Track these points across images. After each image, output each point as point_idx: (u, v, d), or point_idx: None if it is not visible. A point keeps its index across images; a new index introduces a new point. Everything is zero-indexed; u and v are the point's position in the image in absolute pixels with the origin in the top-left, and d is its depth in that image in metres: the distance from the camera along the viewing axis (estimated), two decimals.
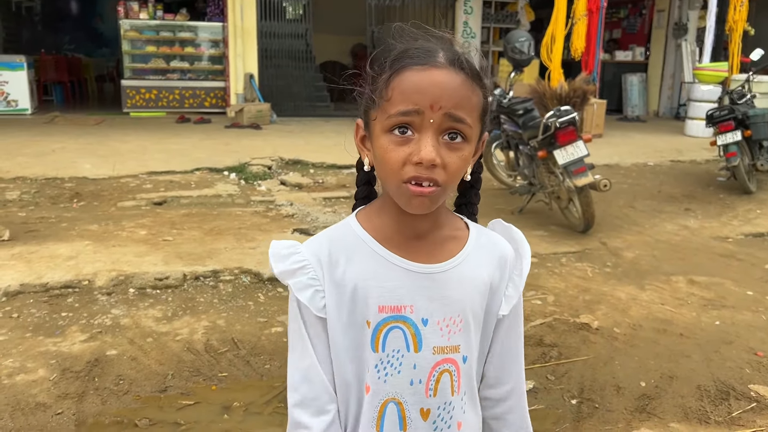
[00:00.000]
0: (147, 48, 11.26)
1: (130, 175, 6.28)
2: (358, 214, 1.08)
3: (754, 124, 6.50)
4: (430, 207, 0.96)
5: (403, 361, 1.02)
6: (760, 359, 3.17)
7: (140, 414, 2.63)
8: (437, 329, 1.02)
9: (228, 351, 3.14)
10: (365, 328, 1.02)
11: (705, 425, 2.64)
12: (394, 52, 0.97)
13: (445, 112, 0.91)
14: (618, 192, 6.34)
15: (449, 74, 0.93)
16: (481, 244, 1.08)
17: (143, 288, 3.76)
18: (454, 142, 0.94)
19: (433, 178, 0.92)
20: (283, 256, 1.04)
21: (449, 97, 0.92)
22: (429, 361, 1.02)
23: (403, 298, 1.01)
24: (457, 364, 1.04)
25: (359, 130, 1.05)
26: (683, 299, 3.91)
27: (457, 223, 1.09)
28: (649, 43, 13.47)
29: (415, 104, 0.91)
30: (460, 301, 1.03)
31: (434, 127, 0.92)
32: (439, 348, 1.02)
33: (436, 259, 1.03)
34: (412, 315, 1.01)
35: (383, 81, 0.95)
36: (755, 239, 5.26)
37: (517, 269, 1.10)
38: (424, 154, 0.91)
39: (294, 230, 4.87)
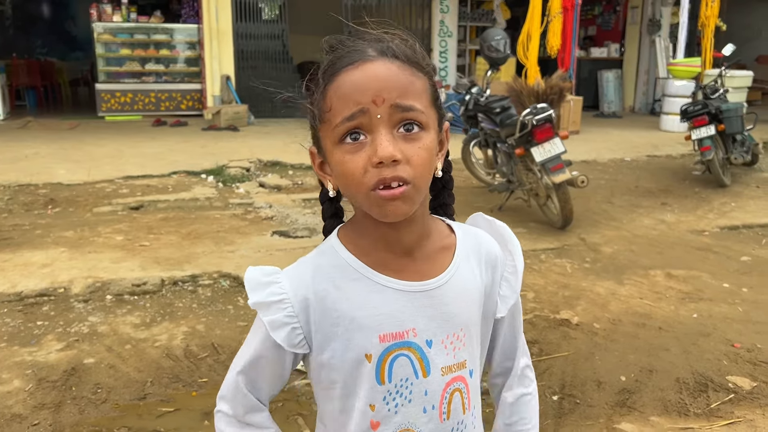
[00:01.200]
0: (121, 51, 11.12)
1: (105, 180, 6.20)
2: (340, 234, 1.00)
3: (727, 119, 6.59)
4: (408, 210, 0.89)
5: (413, 389, 0.96)
6: (737, 351, 3.21)
7: (119, 423, 2.60)
8: (442, 348, 0.97)
9: (208, 356, 3.11)
10: (364, 363, 0.94)
11: (684, 418, 2.66)
12: (321, 66, 0.92)
13: (390, 103, 0.85)
14: (596, 188, 6.40)
15: (384, 64, 0.87)
16: (468, 246, 1.02)
17: (120, 294, 3.72)
18: (411, 133, 0.87)
19: (399, 176, 0.85)
20: (261, 284, 0.96)
21: (391, 87, 0.86)
22: (439, 384, 0.97)
23: (405, 322, 0.94)
24: (466, 381, 1.00)
25: (314, 157, 0.97)
26: (661, 293, 3.95)
27: (442, 227, 1.03)
28: (623, 40, 13.60)
29: (357, 104, 0.85)
30: (460, 314, 0.98)
31: (384, 122, 0.85)
32: (447, 368, 0.97)
33: (430, 274, 0.97)
34: (416, 338, 0.95)
35: (319, 94, 0.90)
36: (731, 232, 5.33)
37: (509, 267, 1.05)
38: (381, 152, 0.84)
39: (273, 232, 4.84)
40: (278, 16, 11.79)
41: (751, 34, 14.49)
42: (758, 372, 3.01)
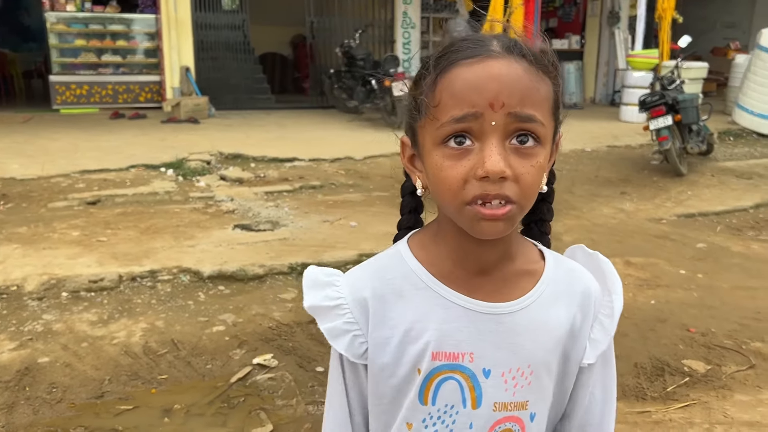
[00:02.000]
0: (76, 42, 10.81)
1: (60, 175, 6.03)
2: (411, 240, 0.90)
3: (683, 109, 6.73)
4: (504, 231, 0.78)
5: (458, 418, 0.86)
6: (692, 335, 3.29)
7: (75, 422, 2.53)
8: (501, 382, 0.85)
9: (168, 352, 3.06)
10: (415, 377, 0.86)
11: (642, 402, 2.72)
12: (436, 51, 0.81)
13: (509, 110, 0.74)
14: (557, 178, 6.44)
15: (508, 63, 0.76)
16: (559, 277, 0.90)
17: (77, 291, 3.62)
18: (525, 147, 0.76)
19: (503, 195, 0.75)
20: (319, 284, 0.89)
21: (512, 92, 0.75)
22: (488, 419, 0.86)
23: (462, 344, 0.84)
24: (523, 424, 0.87)
25: (405, 148, 0.87)
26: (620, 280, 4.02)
27: (531, 252, 0.91)
28: (584, 32, 13.77)
29: (471, 106, 0.75)
30: (532, 348, 0.86)
31: (498, 131, 0.75)
32: (501, 404, 0.86)
33: (505, 297, 0.86)
34: (472, 364, 0.85)
35: (428, 84, 0.79)
36: (687, 220, 5.45)
37: (606, 308, 0.91)
38: (489, 166, 0.74)
39: (235, 226, 4.77)
40: (239, 6, 11.63)
41: (707, 26, 14.82)
42: (712, 355, 3.09)
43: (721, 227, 5.25)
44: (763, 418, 2.59)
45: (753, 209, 5.77)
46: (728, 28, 15.11)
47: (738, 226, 5.30)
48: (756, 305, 3.69)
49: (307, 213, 5.21)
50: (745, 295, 3.83)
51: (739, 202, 5.93)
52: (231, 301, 3.61)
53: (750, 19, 14.46)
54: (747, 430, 2.51)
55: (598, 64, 13.38)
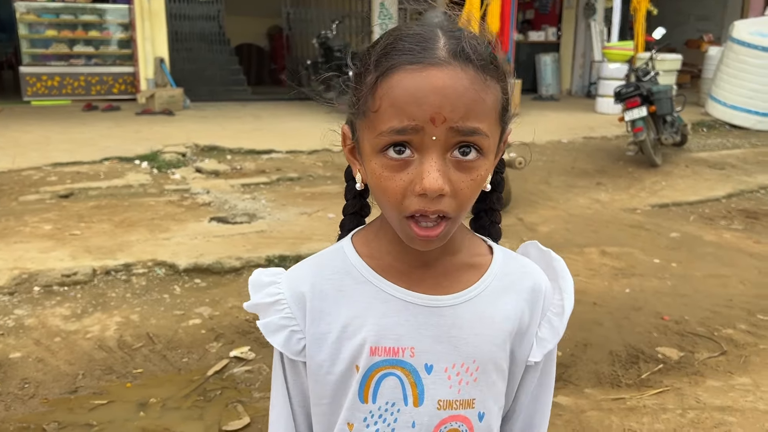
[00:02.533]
0: (47, 32, 10.59)
1: (32, 168, 5.92)
2: (355, 237, 0.88)
3: (658, 100, 6.81)
4: (439, 244, 0.78)
5: (399, 417, 0.83)
6: (666, 323, 3.34)
7: (48, 418, 2.50)
8: (444, 378, 0.82)
9: (143, 346, 3.02)
10: (353, 375, 0.83)
11: (617, 388, 2.75)
12: (380, 44, 0.76)
13: (451, 125, 0.71)
14: (534, 169, 6.52)
15: (453, 73, 0.71)
16: (508, 271, 0.87)
17: (49, 285, 3.57)
18: (467, 160, 0.73)
19: (441, 210, 0.73)
20: (262, 284, 0.87)
21: (455, 106, 0.70)
22: (432, 418, 0.82)
23: (402, 338, 0.81)
24: (471, 424, 0.84)
25: (346, 138, 0.83)
26: (596, 269, 4.07)
27: (477, 246, 0.89)
28: (560, 23, 13.85)
29: (412, 119, 0.71)
30: (477, 344, 0.83)
31: (439, 145, 0.72)
32: (446, 402, 0.83)
33: (447, 290, 0.83)
34: (413, 359, 0.82)
35: (368, 86, 0.75)
36: (661, 210, 5.53)
37: (555, 307, 0.89)
38: (427, 183, 0.71)
39: (211, 219, 4.73)
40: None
41: (681, 18, 14.99)
42: (685, 342, 3.14)
43: (695, 217, 5.33)
44: (734, 403, 2.64)
45: (725, 199, 5.86)
46: (701, 20, 15.30)
47: (710, 215, 5.38)
48: (728, 293, 3.75)
49: (284, 205, 5.18)
50: (717, 283, 3.89)
51: (712, 192, 6.03)
52: (207, 294, 3.58)
53: (723, 12, 14.66)
54: (718, 414, 2.56)
55: (575, 55, 13.47)
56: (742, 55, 9.55)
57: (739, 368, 2.92)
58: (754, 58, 9.42)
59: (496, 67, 0.76)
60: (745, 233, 4.92)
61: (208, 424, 2.48)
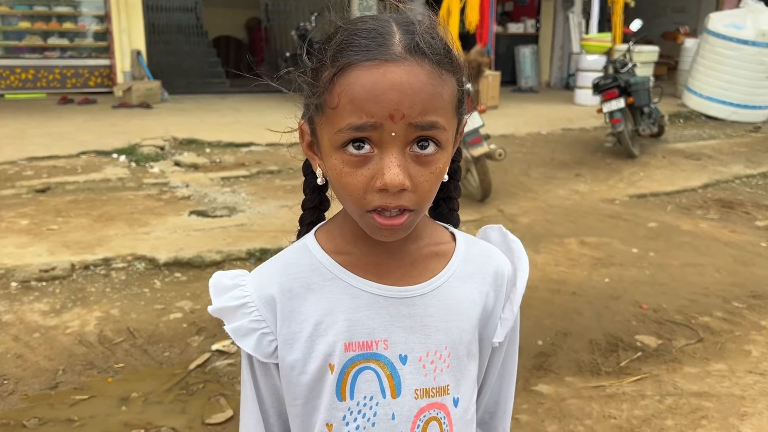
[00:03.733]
0: (20, 24, 10.40)
1: (7, 162, 5.83)
2: (318, 233, 0.88)
3: (635, 92, 6.88)
4: (403, 235, 0.78)
5: (378, 410, 0.83)
6: (644, 311, 3.39)
7: (28, 414, 2.47)
8: (419, 367, 0.83)
9: (124, 341, 3.00)
10: (327, 374, 0.82)
11: (597, 376, 2.79)
12: (336, 39, 0.75)
13: (409, 121, 0.71)
14: (513, 161, 6.55)
15: (410, 69, 0.71)
16: (471, 257, 0.88)
17: (27, 281, 3.52)
18: (426, 154, 0.74)
19: (402, 205, 0.74)
20: (225, 287, 0.85)
21: (413, 102, 0.71)
22: (411, 408, 0.83)
23: (375, 332, 0.82)
24: (447, 409, 0.85)
25: (304, 134, 0.83)
26: (575, 260, 4.11)
27: (440, 233, 0.89)
28: (539, 15, 13.91)
29: (370, 116, 0.71)
30: (447, 330, 0.84)
31: (398, 141, 0.72)
32: (423, 391, 0.83)
33: (415, 280, 0.84)
34: (387, 351, 0.82)
35: (325, 81, 0.74)
36: (639, 200, 5.59)
37: (515, 287, 0.91)
38: (388, 179, 0.71)
39: (191, 212, 4.70)
40: None
41: (658, 11, 15.14)
42: (663, 330, 3.19)
43: (672, 207, 5.40)
44: (710, 389, 2.69)
45: (701, 189, 5.95)
46: (678, 12, 15.47)
47: (687, 205, 5.46)
48: (704, 281, 3.82)
49: (264, 198, 5.16)
50: (694, 272, 3.96)
51: (689, 183, 6.11)
52: (188, 288, 3.56)
53: (699, 4, 14.83)
54: (695, 400, 2.61)
55: (553, 47, 13.54)
56: (717, 47, 9.68)
57: (715, 355, 2.98)
58: (729, 50, 9.55)
59: (451, 61, 0.76)
60: (721, 222, 5.00)
61: (190, 417, 2.47)
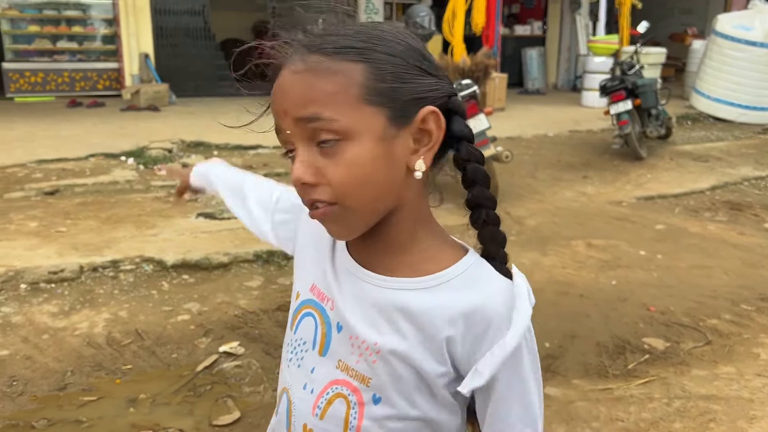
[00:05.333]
0: (30, 28, 10.47)
1: (16, 165, 5.87)
2: None
3: (643, 94, 6.86)
4: (343, 232, 0.79)
5: (306, 356, 0.86)
6: (652, 314, 3.38)
7: (38, 415, 2.49)
8: (348, 344, 0.82)
9: (132, 342, 3.02)
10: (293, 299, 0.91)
11: (604, 379, 2.78)
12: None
13: (293, 116, 0.73)
14: (520, 163, 6.54)
15: (293, 67, 0.74)
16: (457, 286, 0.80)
17: (36, 283, 3.54)
18: (327, 148, 0.73)
19: (315, 199, 0.75)
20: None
21: (292, 96, 0.73)
22: (329, 372, 0.83)
23: (330, 289, 0.85)
24: (362, 398, 0.81)
25: None
26: (582, 262, 4.10)
27: (440, 252, 0.83)
28: (546, 17, 13.89)
29: (276, 120, 0.77)
30: (387, 332, 0.80)
31: (299, 138, 0.74)
32: (345, 365, 0.82)
33: (384, 270, 0.82)
34: (332, 313, 0.84)
35: None
36: (646, 202, 5.57)
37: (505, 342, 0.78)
38: (292, 176, 0.75)
39: (198, 214, 4.72)
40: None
41: (665, 12, 15.09)
42: (671, 333, 3.18)
43: (679, 209, 5.38)
44: (718, 392, 2.68)
45: (709, 191, 5.92)
46: (685, 14, 15.41)
47: (695, 207, 5.44)
48: (712, 284, 3.80)
49: None
50: (701, 274, 3.94)
51: (696, 185, 6.08)
52: (195, 289, 3.57)
53: (706, 6, 14.77)
54: (704, 403, 2.60)
55: (560, 49, 13.51)
56: (725, 49, 9.63)
57: (723, 357, 2.97)
58: (738, 51, 9.51)
59: (350, 49, 0.73)
60: (729, 225, 4.98)
61: (198, 419, 2.48)
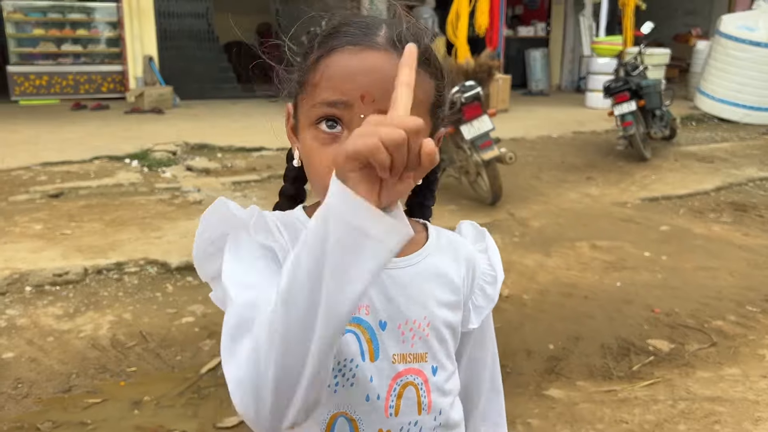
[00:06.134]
0: (34, 31, 10.52)
1: (21, 167, 5.88)
2: (308, 209, 0.91)
3: (647, 94, 6.85)
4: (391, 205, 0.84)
5: (357, 372, 0.85)
6: (656, 315, 3.37)
7: (42, 417, 2.49)
8: (398, 334, 0.86)
9: (136, 345, 3.02)
10: None
11: (608, 381, 2.78)
12: (327, 26, 0.82)
13: (379, 107, 0.73)
14: (524, 164, 6.54)
15: (389, 58, 0.76)
16: (442, 245, 0.92)
17: (41, 285, 3.55)
18: None
19: None
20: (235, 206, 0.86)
21: (385, 89, 0.72)
22: (388, 371, 0.85)
23: None
24: (425, 376, 0.87)
25: (289, 116, 0.88)
26: (587, 263, 4.09)
27: (415, 224, 0.92)
28: (549, 19, 13.88)
29: (343, 94, 0.76)
30: (426, 301, 0.88)
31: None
32: (400, 356, 0.86)
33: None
34: (368, 317, 0.85)
35: (311, 62, 0.80)
36: (651, 203, 5.56)
37: (487, 276, 0.95)
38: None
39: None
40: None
41: (669, 13, 15.06)
42: (676, 334, 3.17)
43: (684, 210, 5.37)
44: (723, 393, 2.67)
45: (714, 192, 5.91)
46: (689, 14, 15.38)
47: (700, 208, 5.42)
48: (717, 285, 3.79)
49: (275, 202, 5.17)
50: (706, 276, 3.93)
51: (701, 186, 6.07)
52: (200, 292, 3.57)
53: (710, 6, 14.74)
54: (709, 404, 2.59)
55: (564, 51, 13.50)
56: (729, 49, 9.61)
57: (728, 359, 2.96)
58: (742, 51, 9.48)
59: (429, 63, 0.79)
60: (734, 226, 4.96)
61: (202, 421, 2.48)
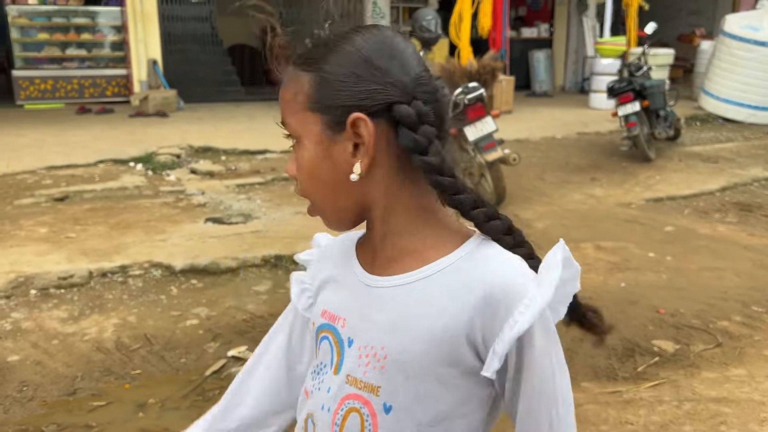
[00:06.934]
0: (39, 35, 10.56)
1: (26, 171, 5.91)
2: None
3: (650, 95, 6.83)
4: (328, 223, 0.87)
5: (325, 379, 0.86)
6: (661, 316, 3.36)
7: (47, 420, 2.50)
8: (357, 356, 0.82)
9: (141, 347, 3.03)
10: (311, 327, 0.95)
11: (613, 382, 2.77)
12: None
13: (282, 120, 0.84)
14: (528, 165, 6.53)
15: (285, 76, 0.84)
16: (463, 268, 0.78)
17: (46, 288, 3.57)
18: (294, 147, 0.84)
19: (299, 190, 0.86)
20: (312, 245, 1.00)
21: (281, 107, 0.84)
22: (339, 390, 0.83)
23: (340, 309, 0.87)
24: (373, 409, 0.80)
25: None
26: (591, 264, 4.08)
27: (441, 236, 0.82)
28: (553, 20, 13.86)
29: None
30: (391, 331, 0.79)
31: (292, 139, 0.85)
32: (353, 379, 0.82)
33: (387, 271, 0.83)
34: (343, 330, 0.85)
35: None
36: (655, 204, 5.55)
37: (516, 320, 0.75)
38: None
39: (207, 219, 4.73)
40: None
41: (672, 13, 15.02)
42: (681, 335, 3.16)
43: (689, 210, 5.35)
44: (729, 394, 2.66)
45: (719, 192, 5.89)
46: (693, 14, 15.34)
47: (704, 209, 5.41)
48: (722, 285, 3.77)
49: (279, 205, 5.18)
50: (711, 276, 3.91)
51: (706, 186, 6.05)
52: (204, 294, 3.58)
53: (714, 6, 14.70)
54: (714, 405, 2.58)
55: (567, 51, 13.48)
56: (734, 49, 9.58)
57: (734, 360, 2.94)
58: (746, 51, 9.46)
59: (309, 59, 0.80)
60: (739, 226, 4.94)
61: None
